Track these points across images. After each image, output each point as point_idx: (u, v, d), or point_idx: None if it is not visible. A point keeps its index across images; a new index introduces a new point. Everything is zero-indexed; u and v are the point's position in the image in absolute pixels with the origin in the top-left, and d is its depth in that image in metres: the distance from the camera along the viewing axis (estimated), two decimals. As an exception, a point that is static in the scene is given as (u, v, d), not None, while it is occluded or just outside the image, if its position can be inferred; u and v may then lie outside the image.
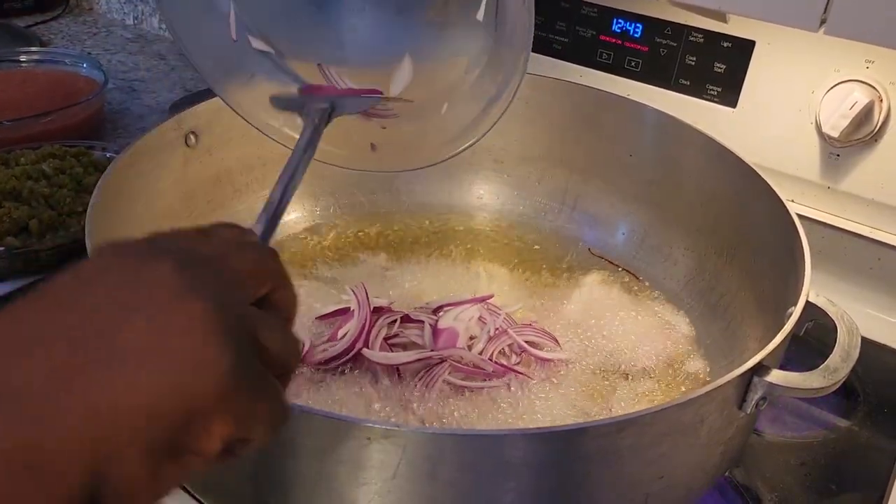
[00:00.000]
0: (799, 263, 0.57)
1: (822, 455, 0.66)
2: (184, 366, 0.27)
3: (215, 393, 0.28)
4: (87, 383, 0.26)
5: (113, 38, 1.42)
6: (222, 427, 0.29)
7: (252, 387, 0.30)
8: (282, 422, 0.33)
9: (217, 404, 0.28)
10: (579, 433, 0.43)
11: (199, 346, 0.28)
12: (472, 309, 0.69)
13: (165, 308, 0.28)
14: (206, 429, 0.28)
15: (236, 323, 0.30)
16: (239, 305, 0.31)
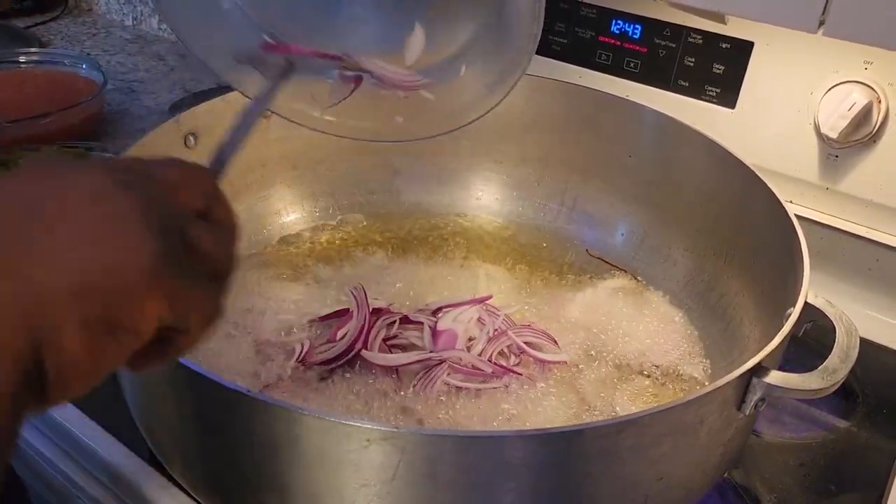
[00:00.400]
0: (798, 264, 0.57)
1: (821, 456, 0.66)
2: (111, 246, 0.30)
3: (144, 270, 0.30)
4: (14, 263, 0.28)
5: (112, 39, 1.42)
6: (153, 305, 0.30)
7: (183, 274, 0.31)
8: (214, 315, 0.34)
9: (148, 283, 0.30)
10: (578, 434, 0.43)
11: (126, 230, 0.30)
12: (472, 310, 0.69)
13: (94, 199, 0.30)
14: (139, 306, 0.30)
15: (164, 218, 0.32)
16: (167, 204, 0.33)
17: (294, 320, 0.69)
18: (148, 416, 0.56)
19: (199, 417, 0.47)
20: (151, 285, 0.30)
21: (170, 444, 0.54)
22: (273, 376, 0.63)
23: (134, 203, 0.31)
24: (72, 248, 0.29)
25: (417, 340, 0.67)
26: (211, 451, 0.49)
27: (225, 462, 0.48)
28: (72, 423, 0.61)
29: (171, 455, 0.55)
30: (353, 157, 0.85)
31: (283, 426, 0.43)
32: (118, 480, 0.58)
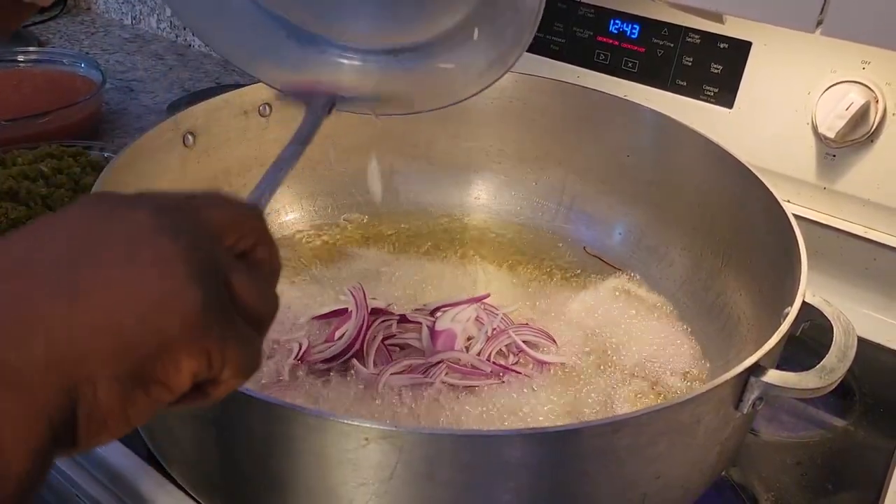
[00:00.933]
0: (795, 263, 0.57)
1: (818, 455, 0.67)
2: (150, 297, 0.29)
3: (183, 326, 0.29)
4: (53, 310, 0.27)
5: (111, 38, 1.42)
6: (191, 362, 0.29)
7: (222, 326, 0.30)
8: (252, 368, 0.33)
9: (185, 338, 0.29)
10: (576, 433, 0.44)
11: (167, 279, 0.29)
12: (469, 309, 0.70)
13: (136, 243, 0.29)
14: (174, 362, 0.29)
15: (208, 264, 0.31)
16: (213, 250, 0.32)
17: (292, 319, 0.69)
18: (146, 416, 0.56)
19: (198, 416, 0.47)
20: (189, 339, 0.29)
21: (168, 443, 0.54)
22: (271, 375, 0.63)
23: (178, 246, 0.30)
24: (107, 296, 0.28)
25: (416, 341, 0.67)
26: (209, 450, 0.49)
27: (223, 461, 0.48)
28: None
29: (169, 454, 0.55)
30: (352, 157, 0.85)
31: (281, 425, 0.43)
32: (116, 479, 0.58)
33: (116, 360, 0.28)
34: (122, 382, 0.28)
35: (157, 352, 0.29)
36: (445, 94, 0.61)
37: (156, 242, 0.30)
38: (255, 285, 0.33)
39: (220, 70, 1.32)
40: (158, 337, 0.29)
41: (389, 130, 0.85)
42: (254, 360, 0.33)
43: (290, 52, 0.61)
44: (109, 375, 0.28)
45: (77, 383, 0.27)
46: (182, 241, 0.30)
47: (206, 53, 1.37)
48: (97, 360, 0.28)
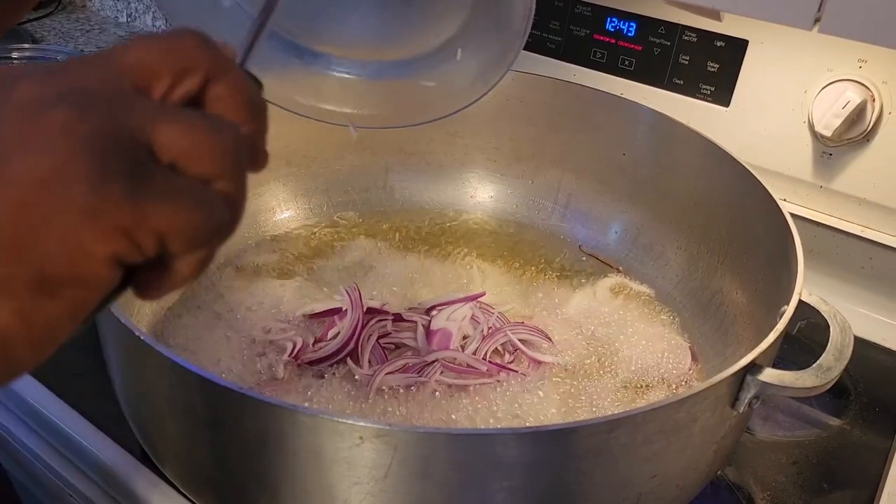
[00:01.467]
0: (792, 262, 0.57)
1: (813, 454, 0.66)
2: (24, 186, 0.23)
3: (75, 203, 0.23)
4: None
5: (106, 36, 1.41)
6: (100, 245, 0.24)
7: (130, 189, 0.24)
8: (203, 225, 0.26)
9: (82, 216, 0.23)
10: (571, 432, 0.43)
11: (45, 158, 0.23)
12: (465, 308, 0.69)
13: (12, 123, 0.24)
14: (77, 250, 0.24)
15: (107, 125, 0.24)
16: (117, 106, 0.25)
17: (287, 317, 0.69)
18: (139, 413, 0.55)
19: (190, 414, 0.46)
20: (87, 217, 0.23)
21: (161, 441, 0.54)
22: (265, 374, 0.63)
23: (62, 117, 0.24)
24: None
25: (411, 341, 0.67)
26: (202, 449, 0.48)
27: (216, 460, 0.48)
28: (61, 420, 0.61)
29: (162, 452, 0.55)
30: (347, 155, 0.85)
31: (275, 423, 0.43)
32: (109, 478, 0.58)
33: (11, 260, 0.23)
34: (13, 294, 0.23)
35: (51, 244, 0.23)
36: (425, 110, 0.60)
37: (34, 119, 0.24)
38: (194, 129, 0.26)
39: (216, 68, 1.31)
40: (46, 226, 0.23)
41: (387, 129, 0.85)
42: (201, 215, 0.26)
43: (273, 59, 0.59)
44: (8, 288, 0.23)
45: None
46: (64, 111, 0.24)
47: (201, 51, 1.37)
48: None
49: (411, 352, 0.66)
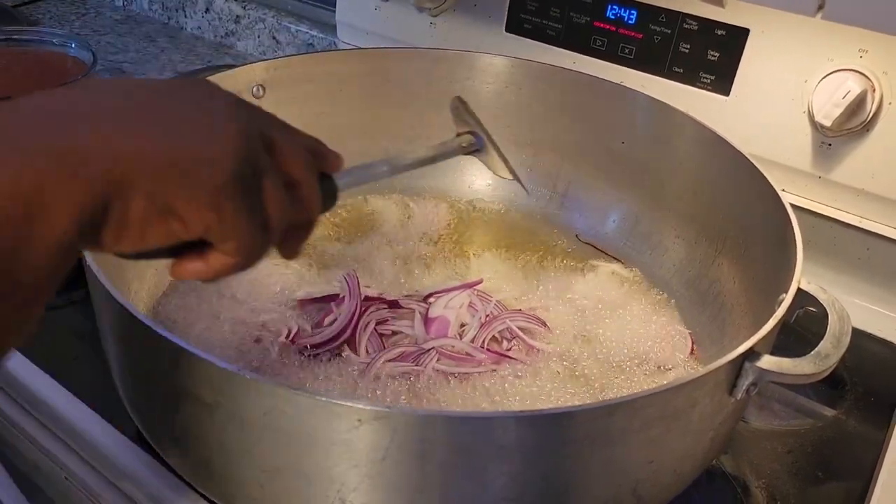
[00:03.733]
0: (790, 251, 0.57)
1: (809, 443, 0.67)
2: (205, 147, 0.34)
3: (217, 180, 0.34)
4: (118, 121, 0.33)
5: (102, 20, 1.41)
6: (207, 213, 0.34)
7: (244, 202, 0.35)
8: (251, 254, 0.37)
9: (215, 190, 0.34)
10: (570, 416, 0.43)
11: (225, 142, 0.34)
12: (462, 295, 0.69)
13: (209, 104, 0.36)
14: (198, 206, 0.33)
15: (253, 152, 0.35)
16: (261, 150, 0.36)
17: (284, 302, 0.69)
18: (136, 396, 0.55)
19: (188, 396, 0.46)
20: (218, 196, 0.34)
21: (158, 424, 0.54)
22: (262, 357, 0.63)
23: (241, 129, 0.35)
24: (171, 131, 0.33)
25: (408, 328, 0.66)
26: (200, 431, 0.48)
27: (214, 442, 0.48)
28: (59, 403, 0.61)
29: (159, 435, 0.55)
30: (346, 141, 0.83)
31: (273, 405, 0.43)
32: (106, 461, 0.58)
33: (155, 179, 0.32)
34: (152, 202, 0.32)
35: (191, 190, 0.33)
36: None
37: (226, 113, 0.35)
38: (280, 198, 0.37)
39: (212, 52, 1.30)
40: (192, 176, 0.33)
41: (383, 115, 0.85)
42: (255, 249, 0.37)
43: None
44: (144, 191, 0.32)
45: (118, 186, 0.31)
46: (245, 125, 0.35)
47: (198, 36, 1.36)
48: (141, 170, 0.32)
49: (408, 339, 0.66)
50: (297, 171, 0.39)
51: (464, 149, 0.63)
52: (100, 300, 0.52)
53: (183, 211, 0.33)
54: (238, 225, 0.35)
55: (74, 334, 0.70)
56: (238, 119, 0.36)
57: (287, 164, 0.38)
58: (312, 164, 0.41)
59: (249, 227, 0.36)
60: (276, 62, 0.78)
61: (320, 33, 1.22)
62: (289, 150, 0.38)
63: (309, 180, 0.40)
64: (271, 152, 0.37)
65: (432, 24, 0.98)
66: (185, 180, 0.33)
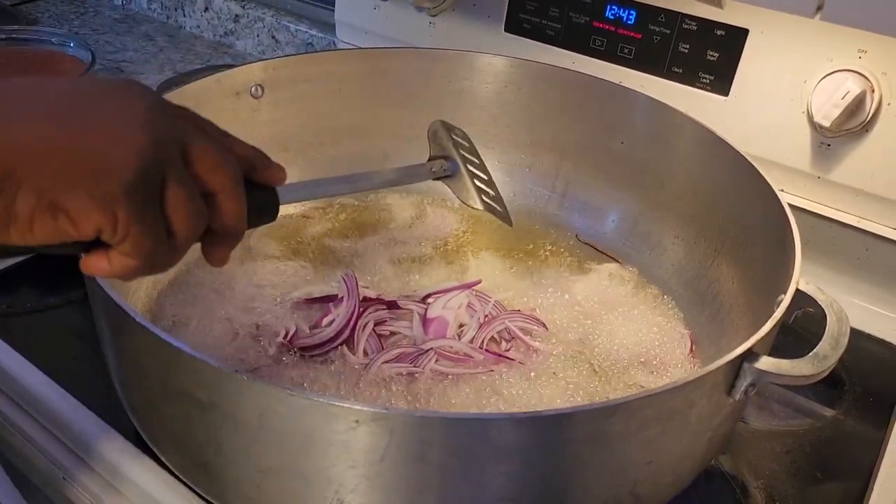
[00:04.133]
0: (789, 251, 0.57)
1: (807, 443, 0.67)
2: (98, 144, 0.33)
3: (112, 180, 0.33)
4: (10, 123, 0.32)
5: (100, 19, 1.40)
6: (99, 214, 0.33)
7: (140, 205, 0.35)
8: (147, 256, 0.37)
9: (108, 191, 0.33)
10: (568, 417, 0.43)
11: (122, 144, 0.34)
12: (461, 296, 0.69)
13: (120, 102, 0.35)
14: (87, 206, 0.33)
15: (158, 160, 0.35)
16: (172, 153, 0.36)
17: (282, 303, 0.69)
18: (133, 396, 0.55)
19: (185, 397, 0.46)
20: (111, 200, 0.33)
21: (155, 424, 0.54)
22: (260, 358, 0.63)
23: (151, 138, 0.35)
24: (75, 131, 0.33)
25: (406, 329, 0.66)
26: (197, 432, 0.48)
27: (211, 442, 0.48)
28: (56, 403, 0.61)
29: (156, 435, 0.55)
30: (344, 141, 0.84)
31: (270, 406, 0.43)
32: (103, 461, 0.58)
33: (46, 175, 0.32)
34: (39, 198, 0.32)
35: (79, 188, 0.33)
36: None
37: (141, 120, 0.35)
38: (185, 206, 0.37)
39: (211, 52, 1.30)
40: (86, 177, 0.33)
41: (382, 114, 0.85)
42: (157, 254, 0.37)
43: None
44: (33, 186, 0.32)
45: (6, 177, 0.32)
46: (157, 134, 0.35)
47: (196, 35, 1.36)
48: (32, 165, 0.32)
49: (407, 340, 0.66)
50: (214, 180, 0.38)
51: (434, 173, 0.64)
52: (97, 300, 0.52)
53: (73, 211, 0.33)
54: (132, 231, 0.35)
55: (73, 334, 0.70)
56: (152, 127, 0.35)
57: (204, 173, 0.38)
58: (237, 175, 0.40)
59: (145, 233, 0.36)
60: (275, 62, 0.77)
61: (319, 33, 1.21)
62: (208, 159, 0.38)
63: (229, 190, 0.39)
64: (187, 161, 0.37)
65: (431, 23, 0.98)
66: (77, 181, 0.33)
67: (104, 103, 0.35)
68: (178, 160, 0.37)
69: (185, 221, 0.37)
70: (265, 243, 0.78)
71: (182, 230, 0.37)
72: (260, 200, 0.44)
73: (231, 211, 0.40)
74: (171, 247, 0.38)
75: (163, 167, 0.35)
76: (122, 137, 0.34)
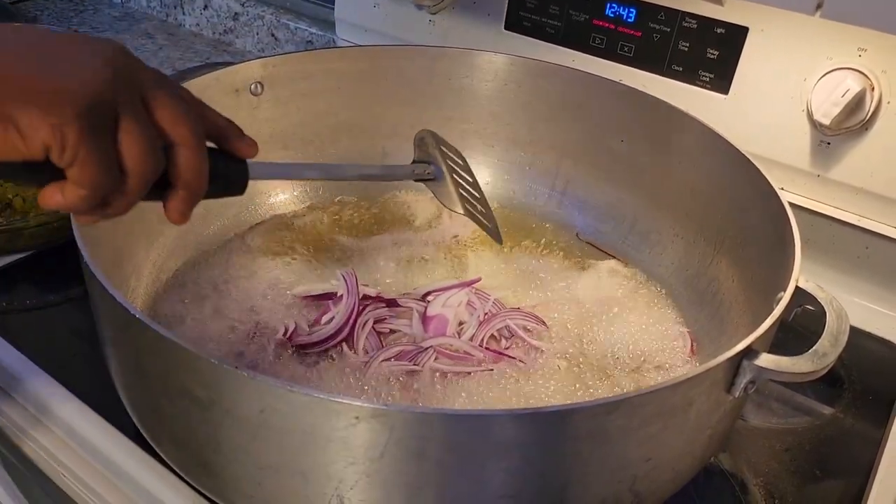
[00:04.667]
0: (789, 249, 0.57)
1: (806, 441, 0.67)
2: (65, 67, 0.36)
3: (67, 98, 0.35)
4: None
5: (100, 17, 1.40)
6: (48, 130, 0.35)
7: (92, 130, 0.36)
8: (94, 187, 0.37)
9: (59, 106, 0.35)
10: (569, 414, 0.43)
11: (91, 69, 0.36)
12: (461, 294, 0.69)
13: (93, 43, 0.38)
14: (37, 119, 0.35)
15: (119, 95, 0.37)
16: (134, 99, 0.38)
17: (281, 300, 0.69)
18: (133, 394, 0.55)
19: (184, 394, 0.46)
20: (62, 118, 0.35)
21: (155, 421, 0.54)
22: (259, 355, 0.63)
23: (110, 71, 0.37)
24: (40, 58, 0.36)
25: (406, 327, 0.66)
26: (197, 428, 0.48)
27: (211, 440, 0.48)
28: (56, 401, 0.61)
29: (156, 432, 0.54)
30: (343, 139, 0.84)
31: (270, 403, 0.43)
32: (104, 459, 0.58)
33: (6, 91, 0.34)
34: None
35: (32, 105, 0.34)
36: None
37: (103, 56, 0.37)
38: (139, 144, 0.38)
39: (211, 50, 1.30)
40: (43, 97, 0.35)
41: (382, 112, 0.85)
42: (105, 185, 0.38)
43: None
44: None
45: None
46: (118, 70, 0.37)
47: (196, 33, 1.36)
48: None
49: (407, 338, 0.66)
50: (175, 131, 0.40)
51: (416, 175, 0.65)
52: (97, 297, 0.52)
53: (22, 125, 0.35)
54: (80, 153, 0.36)
55: (72, 332, 0.70)
56: (116, 66, 0.38)
57: (165, 123, 0.40)
58: (198, 131, 0.41)
59: (93, 160, 0.36)
60: (275, 59, 0.77)
61: (319, 30, 1.21)
62: (170, 110, 0.39)
63: (191, 144, 0.41)
64: (148, 107, 0.39)
65: (431, 21, 0.98)
66: (33, 99, 0.35)
67: (80, 45, 0.38)
68: (138, 102, 0.38)
69: (136, 157, 0.38)
70: (265, 239, 0.78)
71: (134, 167, 0.38)
72: (227, 170, 0.46)
73: (190, 164, 0.41)
74: (124, 185, 0.39)
75: (119, 102, 0.37)
76: (84, 67, 0.36)
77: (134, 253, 0.67)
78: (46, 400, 0.61)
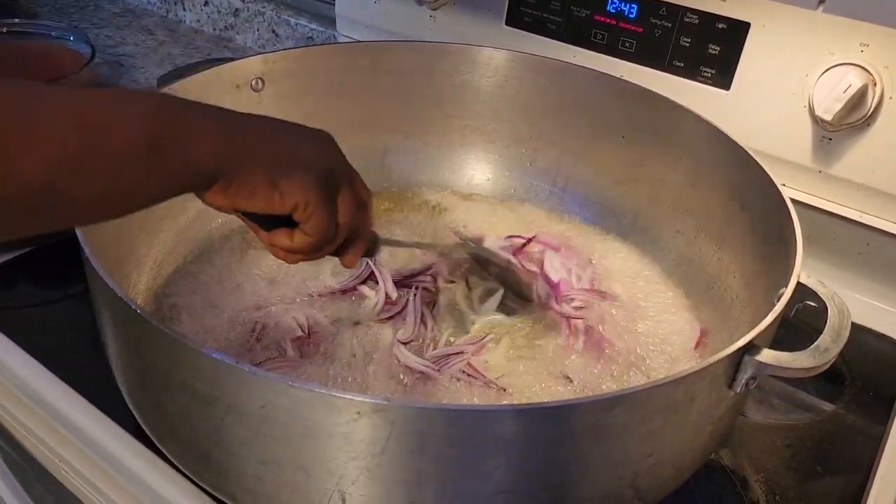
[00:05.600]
0: (790, 245, 0.57)
1: (808, 438, 0.67)
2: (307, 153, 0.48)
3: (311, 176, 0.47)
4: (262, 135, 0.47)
5: (101, 13, 1.40)
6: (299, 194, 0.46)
7: (326, 195, 0.48)
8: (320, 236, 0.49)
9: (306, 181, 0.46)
10: (570, 409, 0.43)
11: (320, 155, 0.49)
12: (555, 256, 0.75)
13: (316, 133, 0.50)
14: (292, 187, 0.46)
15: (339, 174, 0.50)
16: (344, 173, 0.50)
17: (287, 297, 0.69)
18: (135, 389, 0.55)
19: (185, 389, 0.46)
20: (310, 185, 0.46)
21: (157, 418, 0.54)
22: (267, 351, 0.63)
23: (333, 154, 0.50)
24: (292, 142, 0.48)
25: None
26: (198, 425, 0.48)
27: (212, 435, 0.48)
28: (57, 396, 0.61)
29: (158, 428, 0.54)
30: (344, 136, 0.82)
31: (272, 398, 0.43)
32: (105, 455, 0.58)
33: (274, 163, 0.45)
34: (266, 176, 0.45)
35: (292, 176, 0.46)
36: None
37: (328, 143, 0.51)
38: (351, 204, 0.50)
39: (211, 46, 1.30)
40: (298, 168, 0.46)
41: (384, 109, 0.85)
42: (326, 235, 0.49)
43: None
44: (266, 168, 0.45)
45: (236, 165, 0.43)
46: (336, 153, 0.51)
47: (196, 29, 1.36)
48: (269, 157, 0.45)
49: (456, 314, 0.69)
50: (366, 195, 0.53)
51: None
52: (98, 293, 0.52)
53: (284, 187, 0.45)
54: (319, 209, 0.47)
55: (73, 328, 0.70)
56: (339, 154, 0.51)
57: (359, 190, 0.52)
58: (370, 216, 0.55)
59: (325, 214, 0.48)
60: (275, 55, 0.77)
61: (320, 27, 1.21)
62: (360, 182, 0.52)
63: (370, 206, 0.54)
64: (349, 179, 0.51)
65: (432, 17, 0.98)
66: (290, 170, 0.46)
67: (310, 131, 0.50)
68: (349, 181, 0.51)
69: (348, 214, 0.50)
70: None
71: (345, 220, 0.50)
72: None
73: (370, 220, 0.55)
74: (335, 234, 0.50)
75: (338, 174, 0.49)
76: (321, 149, 0.49)
77: (135, 248, 0.67)
78: (47, 396, 0.61)
